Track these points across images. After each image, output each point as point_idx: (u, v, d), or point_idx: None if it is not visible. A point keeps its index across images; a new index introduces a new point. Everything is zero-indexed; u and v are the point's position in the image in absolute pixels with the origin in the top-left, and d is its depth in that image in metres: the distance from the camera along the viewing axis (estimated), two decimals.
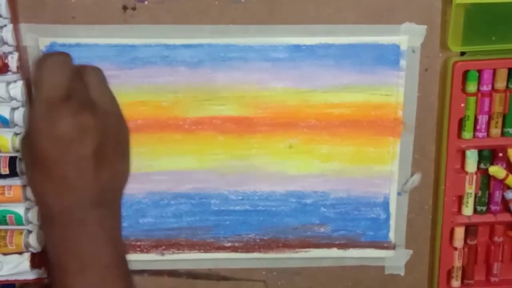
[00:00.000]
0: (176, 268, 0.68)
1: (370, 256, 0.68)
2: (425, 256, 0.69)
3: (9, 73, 0.60)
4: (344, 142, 0.64)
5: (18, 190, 0.62)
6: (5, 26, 0.59)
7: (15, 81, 0.60)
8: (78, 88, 0.49)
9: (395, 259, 0.68)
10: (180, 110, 0.63)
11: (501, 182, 0.65)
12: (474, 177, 0.65)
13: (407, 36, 0.61)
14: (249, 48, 0.61)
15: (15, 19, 0.59)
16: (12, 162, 0.61)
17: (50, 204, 0.48)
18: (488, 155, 0.65)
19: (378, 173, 0.65)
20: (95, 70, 0.51)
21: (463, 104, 0.62)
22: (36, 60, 0.50)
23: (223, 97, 0.62)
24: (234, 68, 0.62)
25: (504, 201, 0.66)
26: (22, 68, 0.60)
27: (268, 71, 0.62)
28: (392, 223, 0.66)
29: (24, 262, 0.64)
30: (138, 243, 0.66)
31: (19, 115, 0.60)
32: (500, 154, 0.64)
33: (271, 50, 0.61)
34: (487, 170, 0.65)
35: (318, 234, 0.66)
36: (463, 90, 0.62)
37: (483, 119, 0.63)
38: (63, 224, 0.48)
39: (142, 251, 0.66)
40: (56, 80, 0.48)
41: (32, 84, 0.51)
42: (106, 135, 0.48)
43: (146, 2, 0.60)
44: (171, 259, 0.67)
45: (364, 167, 0.65)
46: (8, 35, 0.59)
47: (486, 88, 0.62)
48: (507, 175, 0.64)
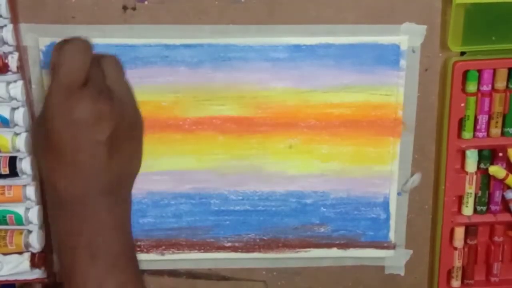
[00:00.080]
0: (176, 268, 0.68)
1: (370, 256, 0.68)
2: (425, 256, 0.69)
3: (9, 73, 0.60)
4: (344, 142, 0.64)
5: (18, 190, 0.62)
6: (5, 26, 0.59)
7: (15, 81, 0.60)
8: (96, 75, 0.49)
9: (395, 259, 0.68)
10: (180, 110, 0.63)
11: (501, 182, 0.65)
12: (474, 177, 0.65)
13: (407, 36, 0.61)
14: (249, 48, 0.61)
15: (15, 19, 0.59)
16: (12, 162, 0.61)
17: (62, 190, 0.48)
18: (488, 155, 0.65)
19: (378, 173, 0.65)
20: (112, 59, 0.52)
21: (463, 104, 0.62)
22: (56, 44, 0.50)
23: (223, 97, 0.62)
24: (234, 68, 0.62)
25: (504, 201, 0.66)
26: (22, 68, 0.60)
27: (268, 71, 0.62)
28: (392, 223, 0.66)
29: (24, 262, 0.64)
30: (138, 243, 0.66)
31: (19, 115, 0.60)
32: (500, 154, 0.64)
33: (271, 50, 0.61)
34: (487, 170, 0.65)
35: (318, 234, 0.66)
36: (463, 90, 0.62)
37: (483, 119, 0.63)
38: (73, 211, 0.48)
39: (142, 251, 0.66)
40: (75, 66, 0.48)
41: (50, 68, 0.50)
42: (121, 123, 0.48)
43: (146, 2, 0.60)
44: (171, 259, 0.67)
45: (364, 167, 0.65)
46: (8, 35, 0.59)
47: (486, 88, 0.62)
48: (507, 175, 0.64)
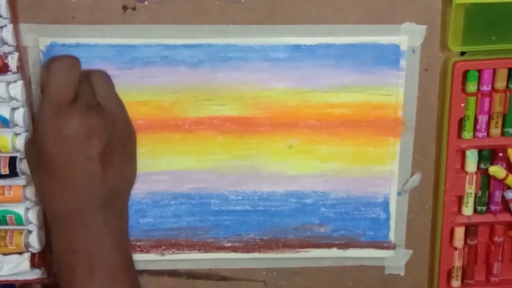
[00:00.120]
0: (176, 268, 0.68)
1: (370, 256, 0.68)
2: (425, 256, 0.69)
3: (9, 73, 0.60)
4: (344, 142, 0.64)
5: (18, 190, 0.62)
6: (5, 26, 0.59)
7: (15, 81, 0.60)
8: (85, 91, 0.50)
9: (395, 259, 0.68)
10: (180, 110, 0.63)
11: (501, 182, 0.65)
12: (474, 177, 0.65)
13: (407, 36, 0.61)
14: (249, 48, 0.61)
15: (15, 19, 0.59)
16: (12, 162, 0.61)
17: (57, 206, 0.48)
18: (488, 155, 0.65)
19: (378, 173, 0.65)
20: (101, 74, 0.52)
21: (463, 104, 0.62)
22: (45, 63, 0.50)
23: (223, 97, 0.62)
24: (234, 68, 0.62)
25: (504, 201, 0.66)
26: (22, 68, 0.60)
27: (268, 71, 0.62)
28: (392, 223, 0.66)
29: (24, 262, 0.64)
30: (138, 243, 0.66)
31: (19, 115, 0.60)
32: (500, 154, 0.64)
33: (271, 50, 0.61)
34: (487, 170, 0.65)
35: (318, 234, 0.66)
36: (463, 90, 0.62)
37: (483, 119, 0.63)
38: (70, 227, 0.48)
39: (142, 251, 0.66)
40: (64, 83, 0.49)
41: (40, 86, 0.51)
42: (112, 137, 0.49)
43: (146, 2, 0.60)
44: (171, 259, 0.67)
45: (364, 167, 0.65)
46: (8, 35, 0.59)
47: (486, 88, 0.62)
48: (507, 175, 0.64)
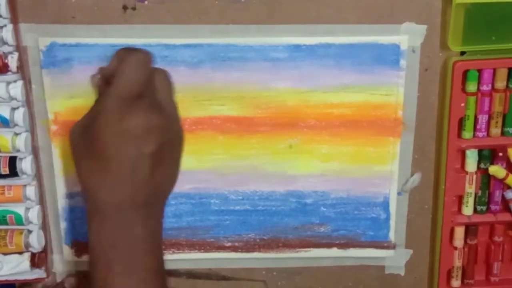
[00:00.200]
0: (176, 268, 0.68)
1: (370, 256, 0.68)
2: (425, 256, 0.69)
3: (9, 73, 0.60)
4: (344, 142, 0.64)
5: (18, 190, 0.62)
6: (5, 26, 0.59)
7: (15, 81, 0.60)
8: (149, 88, 0.50)
9: (395, 259, 0.68)
10: (180, 110, 0.62)
11: (501, 181, 0.65)
12: (474, 176, 0.65)
13: (407, 36, 0.61)
14: (249, 48, 0.61)
15: (15, 19, 0.59)
16: (12, 162, 0.61)
17: (100, 198, 0.48)
18: (488, 155, 0.65)
19: (378, 173, 0.65)
20: (164, 73, 0.52)
21: (463, 104, 0.62)
22: (118, 51, 0.50)
23: (223, 97, 0.62)
24: (234, 68, 0.62)
25: (504, 200, 0.66)
26: (22, 68, 0.60)
27: (268, 71, 0.62)
28: (392, 223, 0.66)
29: (24, 262, 0.64)
30: None
31: (19, 115, 0.60)
32: (500, 154, 0.64)
33: (271, 50, 0.61)
34: (487, 169, 0.65)
35: (318, 234, 0.66)
36: (463, 90, 0.62)
37: (483, 118, 0.63)
38: (110, 221, 0.48)
39: None
40: (136, 77, 0.48)
41: (103, 74, 0.50)
42: (166, 139, 0.49)
43: (146, 2, 0.60)
44: (171, 259, 0.67)
45: (364, 167, 0.65)
46: (8, 35, 0.59)
47: (486, 87, 0.62)
48: (507, 175, 0.64)
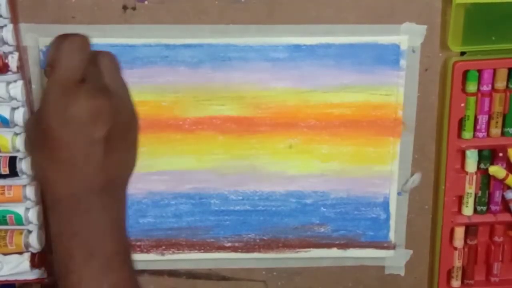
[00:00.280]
0: (176, 268, 0.68)
1: (370, 256, 0.68)
2: (425, 256, 0.69)
3: (9, 73, 0.60)
4: (344, 142, 0.64)
5: (18, 190, 0.62)
6: (5, 26, 0.59)
7: (15, 81, 0.60)
8: (93, 72, 0.49)
9: (395, 259, 0.68)
10: (180, 110, 0.63)
11: (501, 182, 0.65)
12: (474, 177, 0.65)
13: (407, 36, 0.61)
14: (249, 48, 0.61)
15: (15, 19, 0.59)
16: (12, 162, 0.61)
17: (57, 189, 0.48)
18: (488, 155, 0.65)
19: (378, 173, 0.65)
20: (109, 56, 0.51)
21: (463, 104, 0.62)
22: (54, 39, 0.49)
23: (223, 97, 0.62)
24: (234, 68, 0.62)
25: (504, 201, 0.66)
26: (22, 68, 0.60)
27: (268, 71, 0.62)
28: (392, 223, 0.66)
29: (24, 262, 0.64)
30: (138, 243, 0.66)
31: (19, 115, 0.60)
32: (500, 154, 0.64)
33: (271, 50, 0.61)
34: (487, 170, 0.65)
35: (318, 234, 0.66)
36: (463, 90, 0.62)
37: (483, 119, 0.63)
38: (69, 210, 0.48)
39: (142, 251, 0.66)
40: (74, 63, 0.47)
41: (47, 64, 0.50)
42: (117, 122, 0.48)
43: (146, 2, 0.60)
44: (171, 259, 0.67)
45: (364, 167, 0.65)
46: (8, 35, 0.59)
47: (486, 88, 0.62)
48: (507, 175, 0.64)
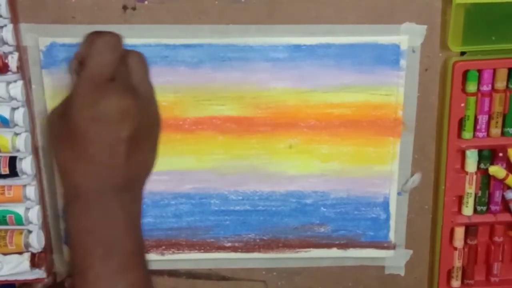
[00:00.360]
0: (176, 268, 0.68)
1: (370, 256, 0.68)
2: (425, 256, 0.69)
3: (9, 73, 0.60)
4: (344, 142, 0.64)
5: (18, 190, 0.62)
6: (5, 26, 0.59)
7: (15, 81, 0.60)
8: (122, 71, 0.49)
9: (395, 259, 0.68)
10: (180, 110, 0.63)
11: (501, 182, 0.65)
12: (474, 177, 0.65)
13: (407, 36, 0.61)
14: (249, 48, 0.61)
15: (15, 19, 0.59)
16: (12, 162, 0.61)
17: (78, 183, 0.48)
18: (488, 155, 0.65)
19: (378, 173, 0.65)
20: (138, 55, 0.51)
21: (463, 104, 0.62)
22: (88, 35, 0.49)
23: (223, 97, 0.62)
24: (234, 68, 0.62)
25: (504, 201, 0.66)
26: (22, 68, 0.60)
27: (268, 71, 0.62)
28: (392, 223, 0.66)
29: (24, 262, 0.64)
30: None
31: (19, 115, 0.60)
32: (500, 154, 0.64)
33: (271, 50, 0.61)
34: (487, 170, 0.65)
35: (318, 234, 0.66)
36: (463, 90, 0.62)
37: (483, 119, 0.63)
38: (89, 206, 0.48)
39: None
40: (107, 60, 0.48)
41: (75, 58, 0.50)
42: (142, 122, 0.48)
43: (146, 2, 0.60)
44: (171, 259, 0.67)
45: (364, 167, 0.65)
46: (8, 35, 0.59)
47: (486, 88, 0.62)
48: (507, 175, 0.64)
